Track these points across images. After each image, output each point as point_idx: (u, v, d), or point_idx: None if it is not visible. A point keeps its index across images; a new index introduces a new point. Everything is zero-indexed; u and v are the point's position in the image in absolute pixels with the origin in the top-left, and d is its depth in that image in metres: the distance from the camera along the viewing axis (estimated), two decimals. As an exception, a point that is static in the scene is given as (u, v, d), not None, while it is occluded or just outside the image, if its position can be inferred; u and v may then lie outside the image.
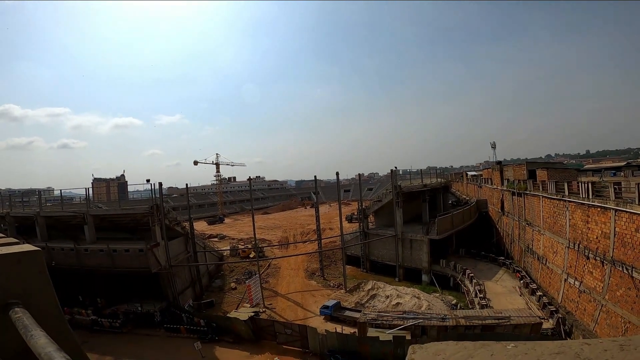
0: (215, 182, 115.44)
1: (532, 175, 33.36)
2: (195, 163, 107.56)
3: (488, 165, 77.92)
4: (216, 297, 34.51)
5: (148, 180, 31.74)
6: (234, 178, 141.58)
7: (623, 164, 56.13)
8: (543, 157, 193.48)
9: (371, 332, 21.51)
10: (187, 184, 42.95)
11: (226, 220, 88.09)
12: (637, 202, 16.31)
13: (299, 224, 69.17)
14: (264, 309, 30.68)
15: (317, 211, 42.32)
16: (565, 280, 24.60)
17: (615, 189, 19.10)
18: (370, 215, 45.75)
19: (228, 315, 28.16)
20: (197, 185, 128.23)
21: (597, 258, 20.43)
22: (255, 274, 35.46)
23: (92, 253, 30.24)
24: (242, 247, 48.06)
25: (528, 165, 35.90)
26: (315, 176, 44.15)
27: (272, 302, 32.45)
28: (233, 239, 56.81)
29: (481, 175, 58.20)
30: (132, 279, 31.45)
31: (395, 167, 41.55)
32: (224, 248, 48.11)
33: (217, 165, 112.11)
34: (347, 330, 24.02)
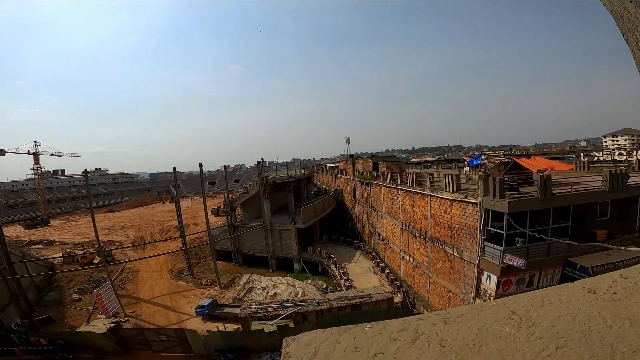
0: (33, 177, 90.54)
1: (375, 167, 38.84)
2: (2, 153, 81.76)
3: (343, 158, 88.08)
4: (55, 312, 28.71)
5: None
6: (62, 171, 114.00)
7: (435, 158, 73.29)
8: (383, 151, 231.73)
9: (255, 326, 21.64)
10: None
11: (53, 222, 71.23)
12: (444, 189, 20.82)
13: (156, 221, 62.33)
14: (126, 318, 27.13)
15: (178, 206, 38.89)
16: (403, 257, 28.33)
17: (430, 178, 23.10)
18: (238, 208, 45.30)
19: (78, 330, 24.01)
20: (5, 180, 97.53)
21: (422, 236, 24.12)
22: (106, 281, 30.74)
23: None
24: (82, 252, 40.45)
25: (373, 158, 42.00)
26: (174, 168, 40.34)
27: (135, 310, 28.93)
28: (66, 243, 47.07)
29: (338, 167, 64.58)
30: None
31: (262, 159, 42.41)
32: (55, 255, 39.64)
33: (36, 155, 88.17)
34: (230, 327, 23.53)
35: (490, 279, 16.84)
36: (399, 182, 28.42)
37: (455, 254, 19.75)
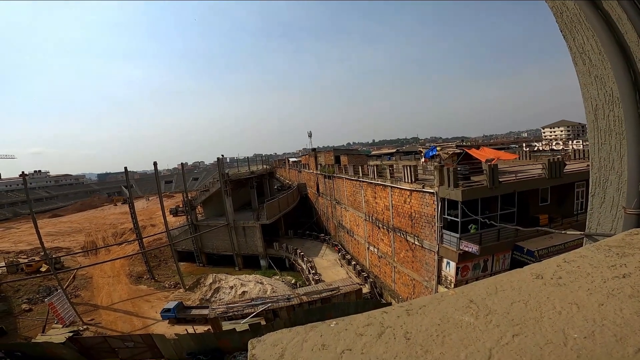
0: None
1: (337, 160, 39.16)
2: None
3: (306, 152, 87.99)
4: (5, 324, 26.39)
5: None
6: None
7: (394, 150, 75.75)
8: (345, 145, 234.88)
9: (226, 326, 21.05)
10: None
11: (-13, 231, 63.97)
12: (403, 180, 21.37)
13: (108, 224, 58.51)
14: (85, 326, 25.50)
15: (132, 207, 36.62)
16: (368, 248, 28.62)
17: (390, 170, 23.42)
18: (199, 206, 43.68)
19: (34, 340, 22.20)
20: None
21: (384, 227, 24.54)
22: (57, 290, 28.59)
23: None
24: (26, 260, 37.10)
25: (335, 152, 42.38)
26: (125, 167, 37.78)
27: (93, 317, 27.24)
28: (8, 252, 43.05)
29: (300, 161, 64.21)
30: None
31: (222, 155, 41.19)
32: None
33: (-36, 156, 78.43)
34: (200, 329, 22.79)
35: (449, 266, 17.71)
36: (360, 175, 28.76)
37: (416, 242, 20.49)
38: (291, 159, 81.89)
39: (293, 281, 32.08)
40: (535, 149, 35.22)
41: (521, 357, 0.84)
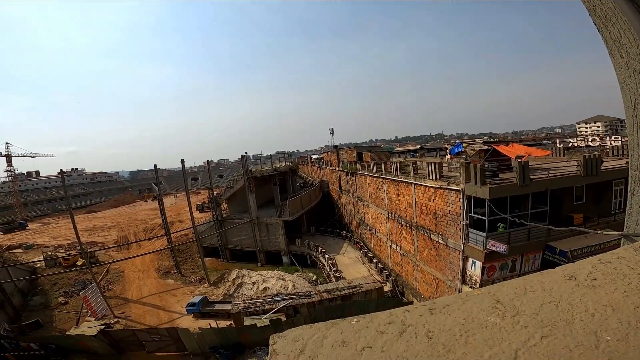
0: (6, 179, 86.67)
1: (360, 157, 39.01)
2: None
3: (328, 149, 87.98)
4: (42, 316, 28.01)
5: None
6: (37, 173, 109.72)
7: (418, 147, 74.15)
8: (367, 141, 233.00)
9: (247, 321, 21.51)
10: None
11: (31, 225, 68.97)
12: (428, 177, 21.01)
13: (139, 220, 61.12)
14: (115, 320, 26.75)
15: (161, 203, 38.12)
16: (390, 246, 28.38)
17: (413, 167, 23.15)
18: (223, 203, 44.76)
19: (69, 333, 23.49)
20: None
21: (407, 225, 24.29)
22: (91, 283, 30.08)
23: None
24: (64, 255, 39.36)
25: (357, 149, 42.16)
26: (155, 165, 39.54)
27: (124, 311, 28.50)
28: (47, 247, 45.81)
29: (322, 158, 64.41)
30: None
31: (246, 153, 41.96)
32: (36, 259, 38.64)
33: (9, 157, 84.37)
34: (222, 323, 23.37)
35: (475, 265, 17.25)
36: (383, 172, 28.54)
37: (440, 241, 20.10)
38: (313, 156, 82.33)
39: (314, 278, 32.28)
40: (570, 145, 33.55)
41: (549, 358, 0.81)
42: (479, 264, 16.87)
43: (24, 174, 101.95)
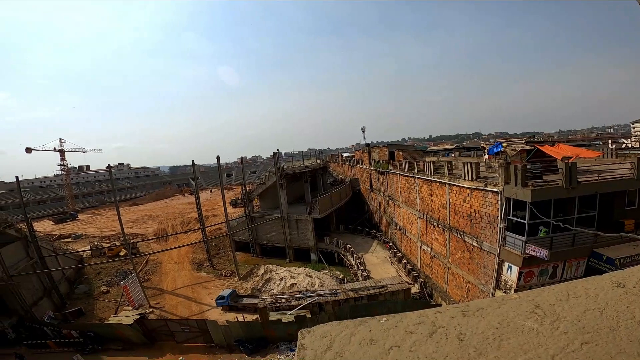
0: (60, 173, 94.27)
1: (392, 156, 38.62)
2: (29, 150, 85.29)
3: (359, 147, 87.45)
4: (85, 305, 29.91)
5: (-46, 175, 23.80)
6: (87, 167, 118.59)
7: (453, 146, 71.65)
8: (399, 140, 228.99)
9: (273, 316, 21.98)
10: (17, 177, 33.91)
11: (80, 216, 74.43)
12: (463, 177, 20.33)
13: (177, 213, 64.10)
14: (150, 310, 28.13)
15: (197, 198, 39.79)
16: (420, 247, 27.87)
17: (448, 167, 22.71)
18: (255, 199, 45.80)
19: (107, 321, 25.11)
20: (33, 177, 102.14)
21: (440, 226, 23.69)
22: (132, 273, 31.81)
23: None
24: (108, 245, 42.08)
25: (389, 147, 41.72)
26: (193, 161, 41.34)
27: (159, 301, 29.94)
28: (94, 237, 49.07)
29: (354, 156, 64.06)
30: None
31: (278, 150, 42.81)
32: (83, 249, 41.26)
33: (62, 152, 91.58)
34: (249, 317, 24.02)
35: (511, 270, 16.49)
36: (416, 171, 28.02)
37: (474, 244, 19.39)
38: (344, 154, 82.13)
39: (341, 276, 32.29)
40: (623, 146, 30.97)
41: None
42: (515, 268, 16.10)
43: (75, 168, 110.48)
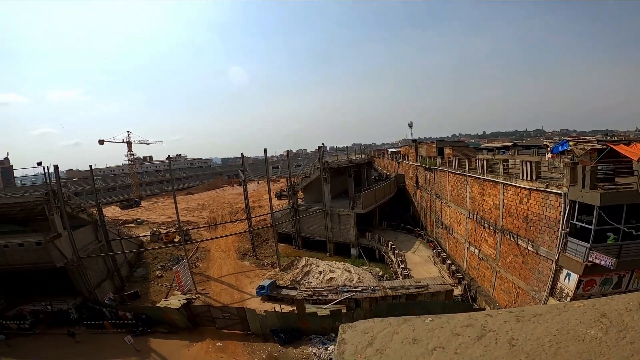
0: (127, 163, 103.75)
1: (440, 152, 37.00)
2: (101, 142, 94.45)
3: (405, 142, 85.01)
4: (141, 288, 32.20)
5: (40, 164, 26.56)
6: (150, 157, 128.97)
7: (510, 144, 66.53)
8: (449, 136, 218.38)
9: (309, 309, 22.26)
10: (90, 166, 37.65)
11: (143, 203, 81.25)
12: (521, 177, 18.93)
13: (226, 203, 67.39)
14: (197, 295, 29.72)
15: (245, 189, 41.34)
16: (468, 248, 26.93)
17: (503, 165, 21.50)
18: (300, 192, 46.55)
19: (158, 305, 26.71)
20: (104, 166, 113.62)
21: (491, 227, 22.64)
22: (183, 259, 33.71)
23: (-26, 251, 25.31)
24: (165, 231, 45.19)
25: (438, 143, 39.99)
26: (242, 153, 42.92)
27: (204, 287, 31.57)
28: (153, 223, 52.93)
29: (400, 152, 62.43)
30: (35, 276, 27.56)
31: (323, 144, 42.87)
32: (144, 234, 44.59)
33: (129, 143, 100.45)
34: (286, 308, 24.50)
35: (569, 278, 15.16)
36: (467, 169, 26.77)
37: (529, 248, 18.06)
38: (390, 150, 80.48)
39: (380, 273, 31.89)
40: None
41: None
42: (574, 276, 14.81)
43: (140, 158, 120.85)
